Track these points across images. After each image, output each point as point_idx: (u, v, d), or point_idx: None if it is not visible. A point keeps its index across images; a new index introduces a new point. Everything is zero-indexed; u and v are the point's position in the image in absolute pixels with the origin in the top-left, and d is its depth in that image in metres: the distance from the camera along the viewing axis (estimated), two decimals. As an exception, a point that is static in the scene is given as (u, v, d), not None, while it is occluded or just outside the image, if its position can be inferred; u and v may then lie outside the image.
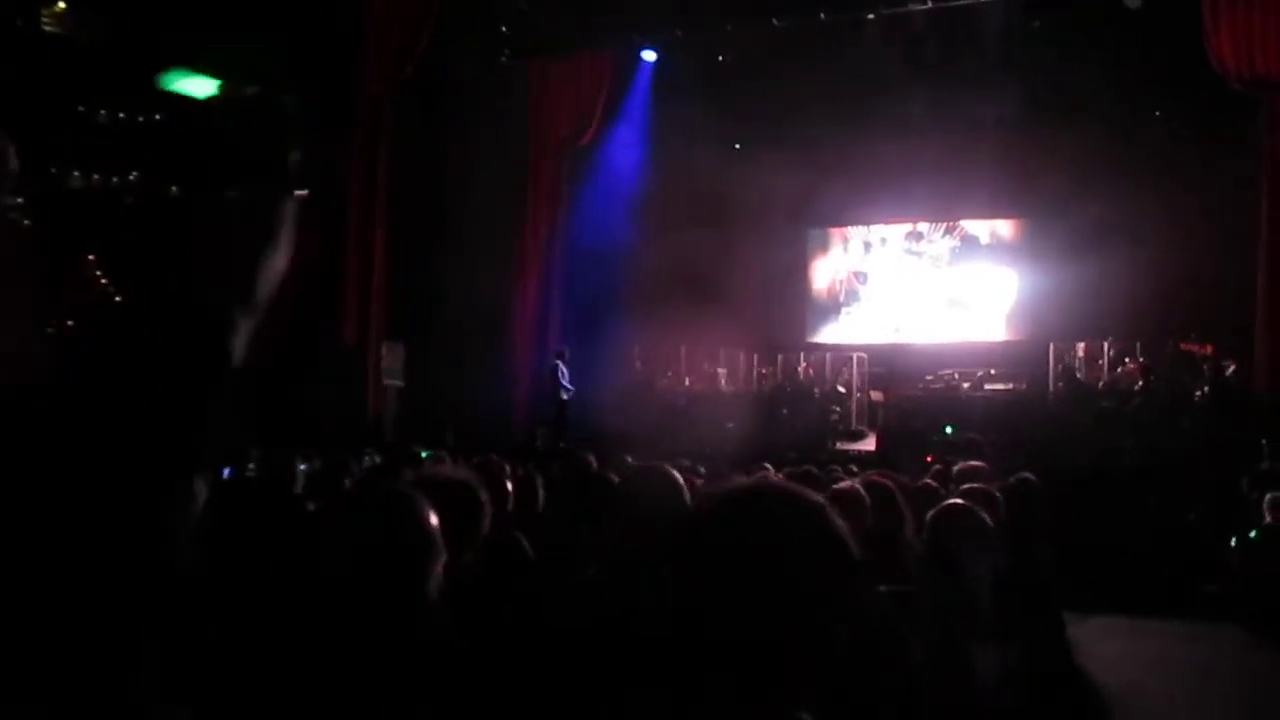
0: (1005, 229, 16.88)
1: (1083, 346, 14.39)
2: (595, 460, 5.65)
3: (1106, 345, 14.10)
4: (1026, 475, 5.49)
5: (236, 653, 1.38)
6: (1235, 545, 7.74)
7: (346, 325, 13.41)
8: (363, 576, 1.32)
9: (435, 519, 1.40)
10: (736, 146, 16.22)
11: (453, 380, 13.31)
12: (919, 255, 17.37)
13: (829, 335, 17.61)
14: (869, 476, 5.13)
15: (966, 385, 14.43)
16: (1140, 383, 12.78)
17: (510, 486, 3.38)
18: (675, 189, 15.58)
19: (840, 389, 15.43)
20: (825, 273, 18.01)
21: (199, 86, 1.55)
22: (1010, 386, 14.33)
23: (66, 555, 1.01)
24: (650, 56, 15.90)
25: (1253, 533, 7.51)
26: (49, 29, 10.60)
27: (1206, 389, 11.75)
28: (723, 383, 15.94)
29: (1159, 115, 14.35)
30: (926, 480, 5.99)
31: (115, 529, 1.02)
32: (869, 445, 14.12)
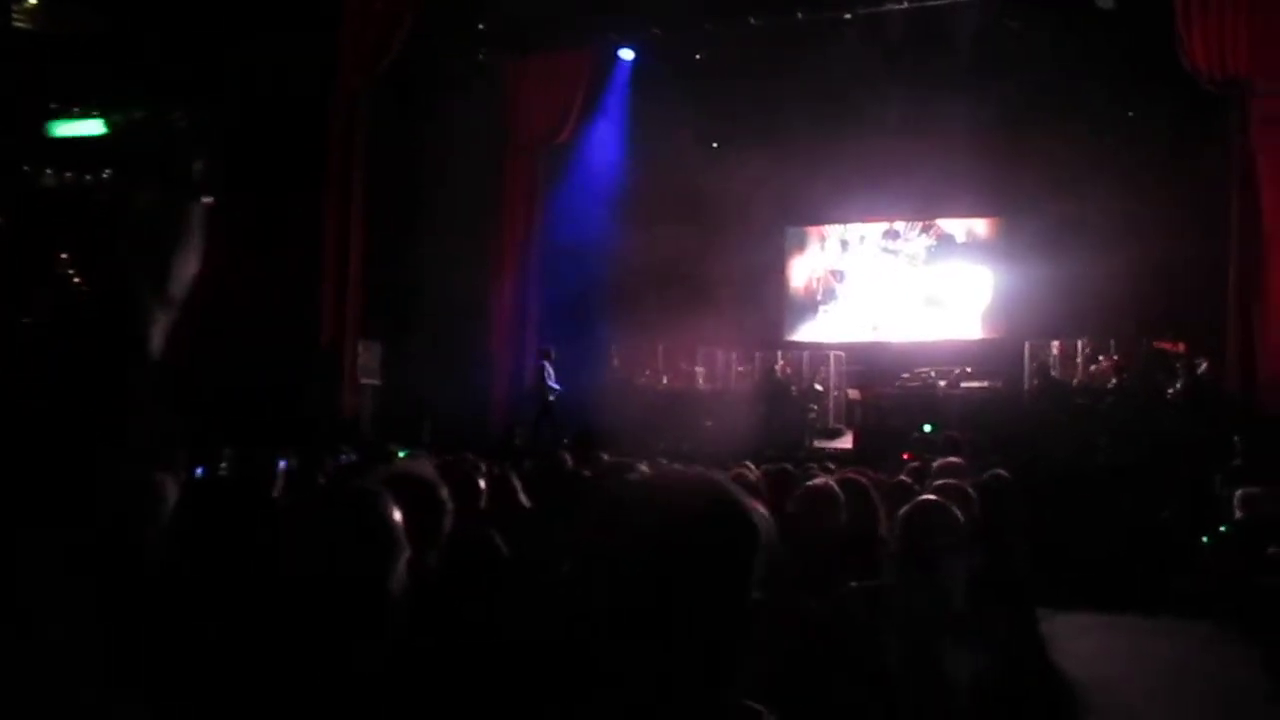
0: (981, 228, 16.98)
1: (1058, 344, 14.52)
2: (571, 458, 5.64)
3: (1081, 343, 14.22)
4: (1000, 472, 5.51)
5: (199, 649, 1.37)
6: (1207, 541, 7.83)
7: (323, 324, 13.33)
8: (326, 572, 1.31)
9: (399, 515, 1.39)
10: (714, 145, 16.23)
11: (430, 378, 13.26)
12: (896, 254, 17.45)
13: (806, 333, 17.66)
14: (844, 473, 5.15)
15: (943, 383, 14.50)
16: (1114, 380, 12.89)
17: (483, 484, 3.37)
18: (653, 187, 15.58)
19: (818, 387, 15.48)
20: (803, 271, 18.05)
21: (87, 128, 1.64)
22: (986, 384, 14.41)
23: None
24: (628, 55, 15.89)
25: (1224, 529, 7.58)
26: (20, 25, 10.48)
27: (1179, 386, 11.85)
28: (701, 381, 15.96)
29: (1132, 115, 14.47)
30: (901, 477, 6.01)
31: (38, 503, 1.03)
32: (846, 443, 14.18)
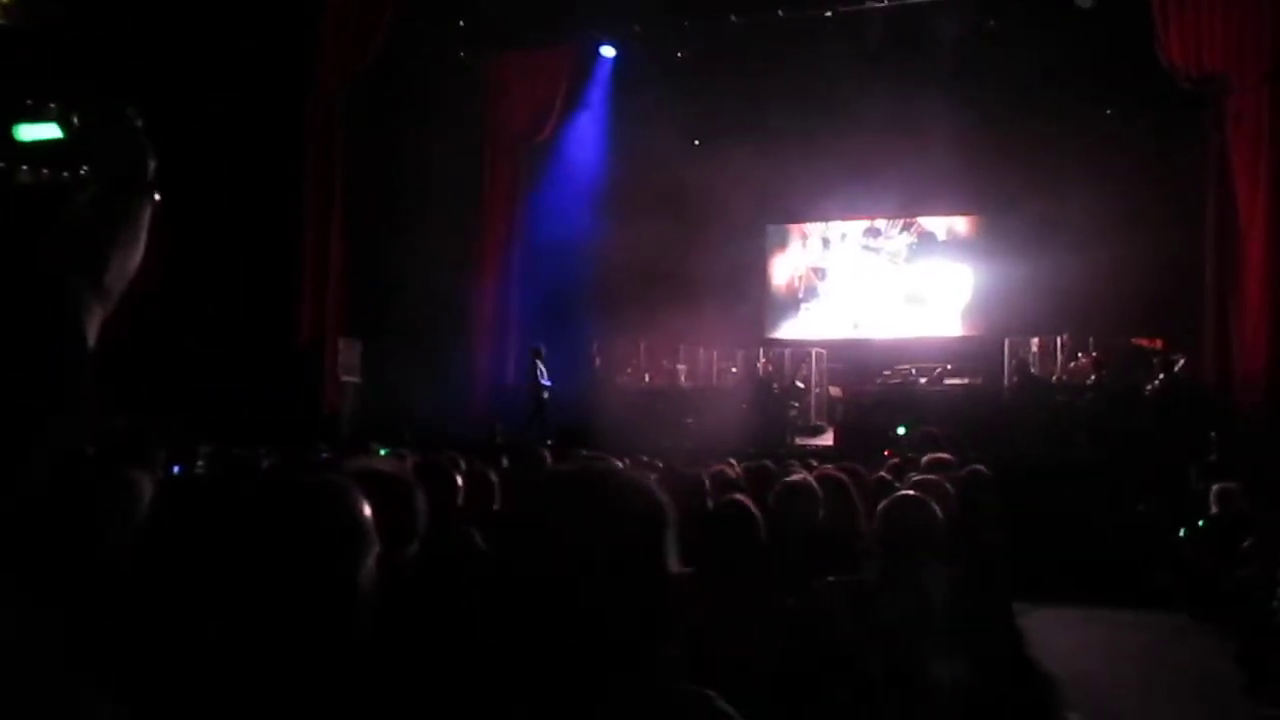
0: (962, 226, 17.07)
1: (1037, 341, 14.60)
2: (551, 457, 5.64)
3: (1060, 340, 14.31)
4: (978, 467, 5.55)
5: (169, 647, 1.36)
6: (1183, 536, 7.90)
7: (302, 322, 13.28)
8: (292, 565, 1.31)
9: (369, 510, 1.39)
10: (696, 143, 16.25)
11: (411, 376, 13.21)
12: (877, 252, 17.51)
13: (788, 331, 17.71)
14: (824, 469, 5.17)
15: (924, 380, 14.57)
16: (1092, 377, 12.97)
17: (460, 481, 3.36)
18: (635, 185, 15.58)
19: (799, 384, 15.51)
20: (784, 269, 18.09)
21: (43, 131, 1.65)
22: (967, 381, 14.48)
23: None
24: (609, 52, 15.87)
25: (1200, 523, 7.66)
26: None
27: (1157, 383, 11.94)
28: (682, 378, 15.96)
29: (1111, 114, 14.57)
30: (881, 473, 6.03)
31: None
32: (828, 440, 14.22)
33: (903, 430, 12.20)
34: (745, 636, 2.76)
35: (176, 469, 5.08)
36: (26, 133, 1.71)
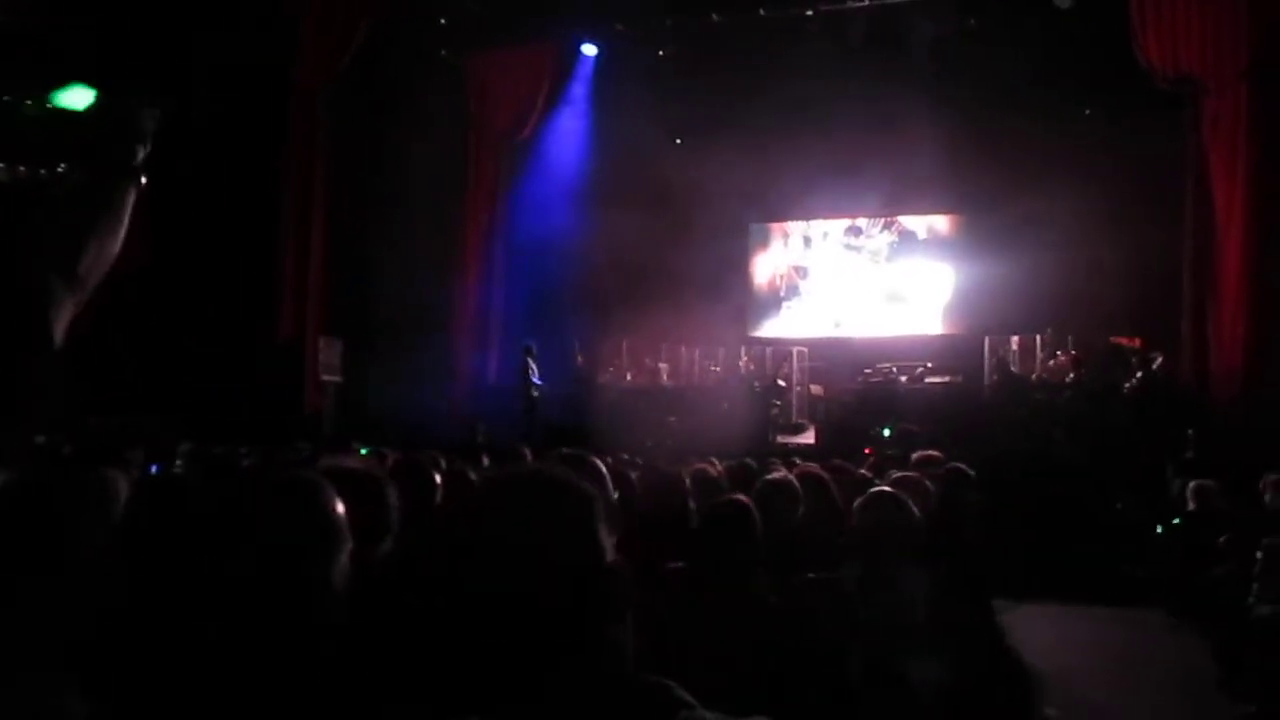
0: (942, 224, 17.13)
1: (1017, 340, 14.69)
2: (532, 455, 5.63)
3: (1040, 338, 14.40)
4: (957, 465, 5.58)
5: (145, 646, 1.36)
6: (1161, 532, 7.96)
7: (281, 320, 13.21)
8: (265, 562, 1.31)
9: (342, 508, 1.39)
10: (678, 141, 16.26)
11: (392, 375, 13.17)
12: (858, 250, 17.56)
13: (770, 329, 17.74)
14: (805, 467, 5.19)
15: (905, 379, 14.62)
16: (1071, 375, 13.04)
17: (439, 479, 3.36)
18: (617, 183, 15.56)
19: (781, 383, 15.53)
20: (766, 267, 18.13)
21: (79, 98, 1.66)
22: (947, 379, 14.55)
23: None
24: (591, 51, 15.86)
25: (1177, 520, 7.72)
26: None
27: (1135, 381, 12.02)
28: (665, 377, 15.97)
29: (1090, 114, 14.65)
30: (862, 471, 6.07)
31: None
32: (809, 439, 14.27)
33: (888, 433, 12.27)
34: (725, 632, 2.77)
35: (154, 468, 5.06)
36: (65, 99, 1.72)
